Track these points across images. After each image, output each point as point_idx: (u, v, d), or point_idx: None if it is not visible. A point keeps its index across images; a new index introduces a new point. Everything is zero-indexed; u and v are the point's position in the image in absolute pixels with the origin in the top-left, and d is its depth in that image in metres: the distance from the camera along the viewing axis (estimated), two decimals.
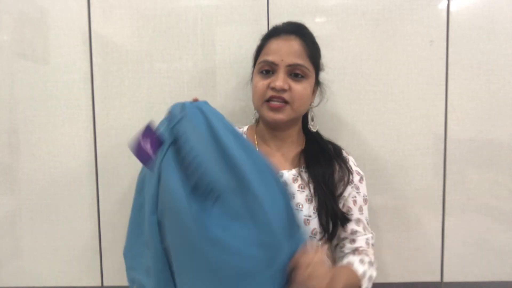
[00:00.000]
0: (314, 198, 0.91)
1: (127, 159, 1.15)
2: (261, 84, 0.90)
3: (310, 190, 0.91)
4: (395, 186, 1.17)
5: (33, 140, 1.16)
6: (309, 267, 0.70)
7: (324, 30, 1.13)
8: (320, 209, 0.89)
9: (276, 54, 0.89)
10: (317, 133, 1.01)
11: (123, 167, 1.16)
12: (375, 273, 0.91)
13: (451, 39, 1.14)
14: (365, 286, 0.87)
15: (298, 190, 0.92)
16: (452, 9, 1.13)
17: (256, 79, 0.92)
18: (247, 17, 1.14)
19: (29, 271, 1.19)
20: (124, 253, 0.92)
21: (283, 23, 0.96)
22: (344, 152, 1.00)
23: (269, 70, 0.90)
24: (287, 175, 0.94)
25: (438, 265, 1.19)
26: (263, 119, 0.96)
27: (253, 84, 0.95)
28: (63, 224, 1.17)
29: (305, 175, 0.94)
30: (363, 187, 0.97)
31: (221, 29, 1.14)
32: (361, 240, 0.93)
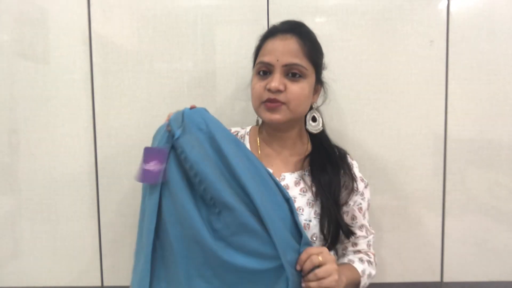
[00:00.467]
0: (315, 202, 0.89)
1: (127, 159, 1.15)
2: (258, 86, 0.88)
3: (312, 194, 0.90)
4: (395, 186, 1.17)
5: (33, 140, 1.16)
6: (320, 255, 0.75)
7: (324, 30, 1.13)
8: (322, 217, 0.88)
9: (271, 54, 0.87)
10: (324, 136, 0.98)
11: (123, 167, 1.16)
12: (374, 272, 0.95)
13: (451, 39, 1.14)
14: (364, 282, 0.91)
15: (300, 193, 0.90)
16: (452, 9, 1.13)
17: (254, 80, 0.91)
18: (247, 17, 1.13)
19: (29, 271, 1.19)
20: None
21: (280, 22, 0.93)
22: (349, 157, 0.98)
23: (266, 71, 0.88)
24: (289, 178, 0.92)
25: (438, 265, 1.19)
26: (262, 120, 0.96)
27: (251, 86, 0.93)
28: (63, 224, 1.17)
29: (307, 178, 0.92)
30: (367, 192, 0.97)
31: (221, 29, 1.14)
32: (362, 243, 0.95)
